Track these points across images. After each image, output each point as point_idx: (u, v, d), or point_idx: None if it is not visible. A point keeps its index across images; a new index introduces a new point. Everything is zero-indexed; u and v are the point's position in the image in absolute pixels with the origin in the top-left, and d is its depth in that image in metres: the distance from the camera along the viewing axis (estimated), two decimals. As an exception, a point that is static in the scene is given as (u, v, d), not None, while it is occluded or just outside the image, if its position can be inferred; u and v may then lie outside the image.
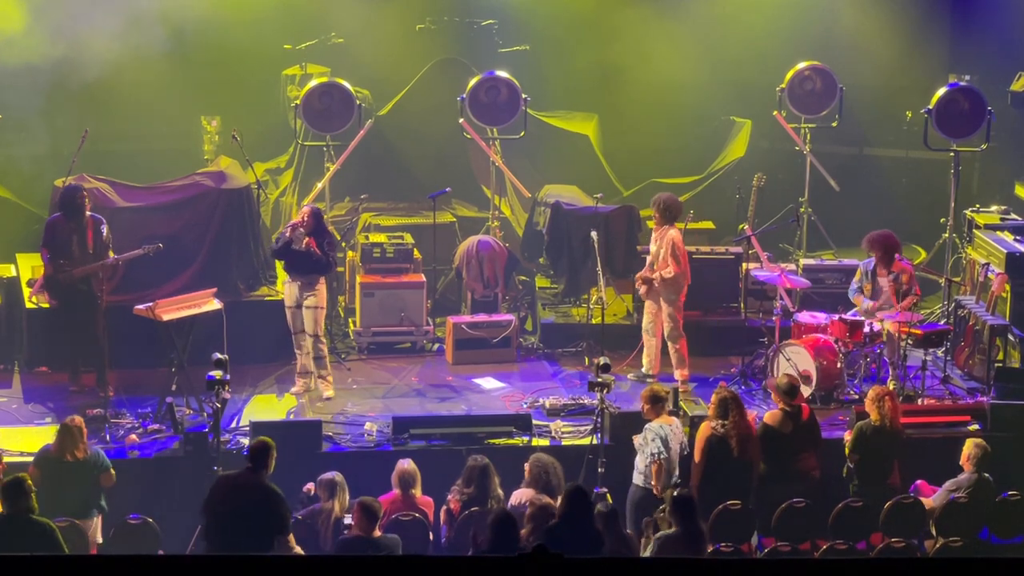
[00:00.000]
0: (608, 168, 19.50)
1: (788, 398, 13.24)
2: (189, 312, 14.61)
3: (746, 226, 17.13)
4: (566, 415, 14.71)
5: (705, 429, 12.96)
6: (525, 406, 14.97)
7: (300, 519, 12.24)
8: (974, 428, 14.43)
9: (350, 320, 17.14)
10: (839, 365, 15.04)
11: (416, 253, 17.12)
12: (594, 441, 13.49)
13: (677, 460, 12.96)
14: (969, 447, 13.05)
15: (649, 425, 12.97)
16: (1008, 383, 14.90)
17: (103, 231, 14.70)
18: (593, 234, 15.74)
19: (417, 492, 12.65)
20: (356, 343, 16.61)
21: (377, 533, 11.76)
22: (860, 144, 20.21)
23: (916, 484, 13.39)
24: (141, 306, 14.53)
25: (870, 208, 18.55)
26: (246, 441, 13.85)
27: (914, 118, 19.46)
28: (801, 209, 18.19)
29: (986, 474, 13.02)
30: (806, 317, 15.63)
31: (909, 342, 15.16)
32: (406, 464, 12.67)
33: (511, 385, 15.71)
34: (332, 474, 12.54)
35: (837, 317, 15.18)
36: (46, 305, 15.26)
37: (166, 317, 14.43)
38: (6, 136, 17.61)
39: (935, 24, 19.57)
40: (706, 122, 20.07)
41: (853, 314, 15.34)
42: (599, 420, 13.46)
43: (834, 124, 18.46)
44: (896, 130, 20.14)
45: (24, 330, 15.69)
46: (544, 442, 14.06)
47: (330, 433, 14.16)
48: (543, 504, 11.82)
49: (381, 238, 17.16)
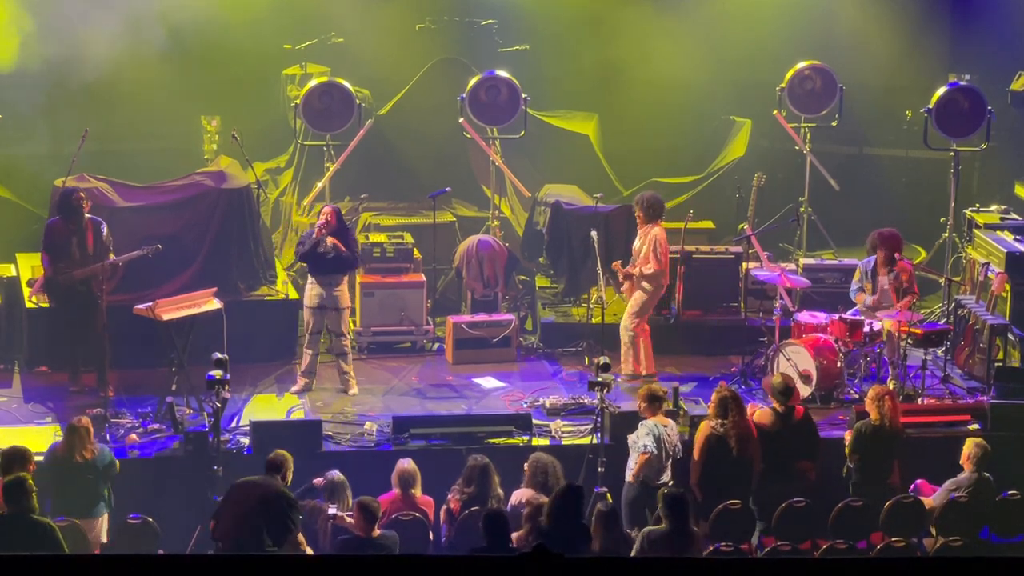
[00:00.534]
0: (608, 168, 19.48)
1: (782, 398, 13.25)
2: (189, 312, 14.60)
3: (746, 226, 17.12)
4: (566, 415, 14.72)
5: (704, 428, 12.99)
6: (525, 406, 14.98)
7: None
8: (974, 427, 14.43)
9: (350, 320, 17.12)
10: (839, 365, 15.03)
11: (416, 253, 17.11)
12: (594, 441, 13.50)
13: (668, 461, 12.95)
14: (969, 446, 13.05)
15: (644, 422, 12.99)
16: (1008, 382, 14.89)
17: (103, 232, 14.68)
18: (593, 234, 15.72)
19: (417, 492, 12.65)
20: (356, 343, 16.59)
21: (376, 532, 11.76)
22: (860, 144, 20.19)
23: (916, 483, 13.40)
24: (141, 306, 14.52)
25: (870, 208, 18.55)
26: (246, 441, 13.88)
27: (914, 118, 19.44)
28: (801, 209, 18.18)
29: (986, 473, 13.02)
30: (806, 317, 15.62)
31: (909, 341, 15.16)
32: (406, 464, 12.67)
33: (511, 385, 15.72)
34: (334, 474, 12.51)
35: (837, 317, 15.18)
36: (46, 305, 15.24)
37: (166, 317, 14.42)
38: (6, 136, 17.59)
39: (935, 24, 19.55)
40: (706, 122, 20.05)
41: (853, 313, 15.34)
42: (599, 420, 13.47)
43: (834, 124, 18.45)
44: (896, 130, 20.12)
45: (24, 330, 15.67)
46: (544, 441, 14.07)
47: (330, 433, 14.16)
48: (540, 504, 11.82)
49: (381, 238, 17.16)
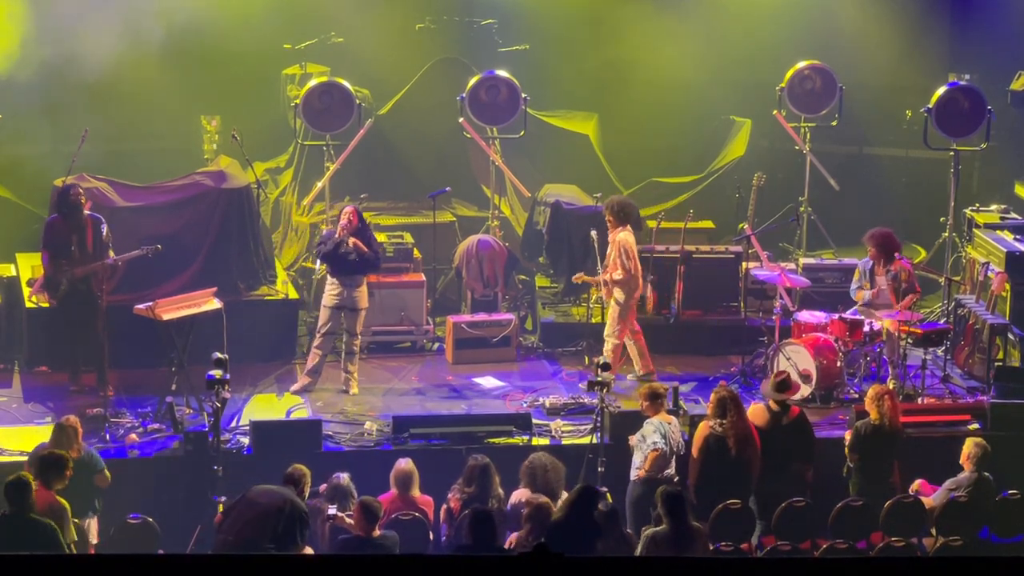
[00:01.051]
0: (608, 168, 19.48)
1: (776, 393, 13.24)
2: (189, 312, 14.60)
3: (746, 225, 17.13)
4: (566, 414, 14.72)
5: (703, 428, 12.98)
6: (525, 405, 14.98)
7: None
8: (974, 427, 14.43)
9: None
10: (839, 364, 15.04)
11: (416, 253, 17.12)
12: (594, 440, 13.50)
13: (672, 458, 12.98)
14: (969, 446, 13.05)
15: (649, 420, 13.02)
16: (1008, 382, 14.89)
17: (103, 230, 14.65)
18: (593, 234, 15.72)
19: (415, 491, 12.65)
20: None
21: (377, 532, 11.76)
22: (860, 143, 20.20)
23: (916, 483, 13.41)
24: (141, 306, 14.52)
25: (870, 207, 18.56)
26: (246, 441, 13.88)
27: (914, 117, 19.45)
28: (801, 208, 18.19)
29: (986, 473, 13.02)
30: (806, 316, 15.63)
31: (909, 341, 15.16)
32: (404, 464, 12.66)
33: (510, 384, 15.72)
34: (341, 478, 12.46)
35: (837, 316, 15.19)
36: (46, 305, 15.24)
37: (166, 317, 14.42)
38: (6, 136, 17.59)
39: (935, 23, 19.56)
40: (706, 122, 20.05)
41: (853, 313, 15.35)
42: (599, 419, 13.47)
43: (834, 123, 18.46)
44: (896, 129, 20.13)
45: (24, 330, 15.67)
46: (544, 441, 14.08)
47: (330, 433, 14.16)
48: (539, 504, 11.83)
49: (381, 237, 17.13)
